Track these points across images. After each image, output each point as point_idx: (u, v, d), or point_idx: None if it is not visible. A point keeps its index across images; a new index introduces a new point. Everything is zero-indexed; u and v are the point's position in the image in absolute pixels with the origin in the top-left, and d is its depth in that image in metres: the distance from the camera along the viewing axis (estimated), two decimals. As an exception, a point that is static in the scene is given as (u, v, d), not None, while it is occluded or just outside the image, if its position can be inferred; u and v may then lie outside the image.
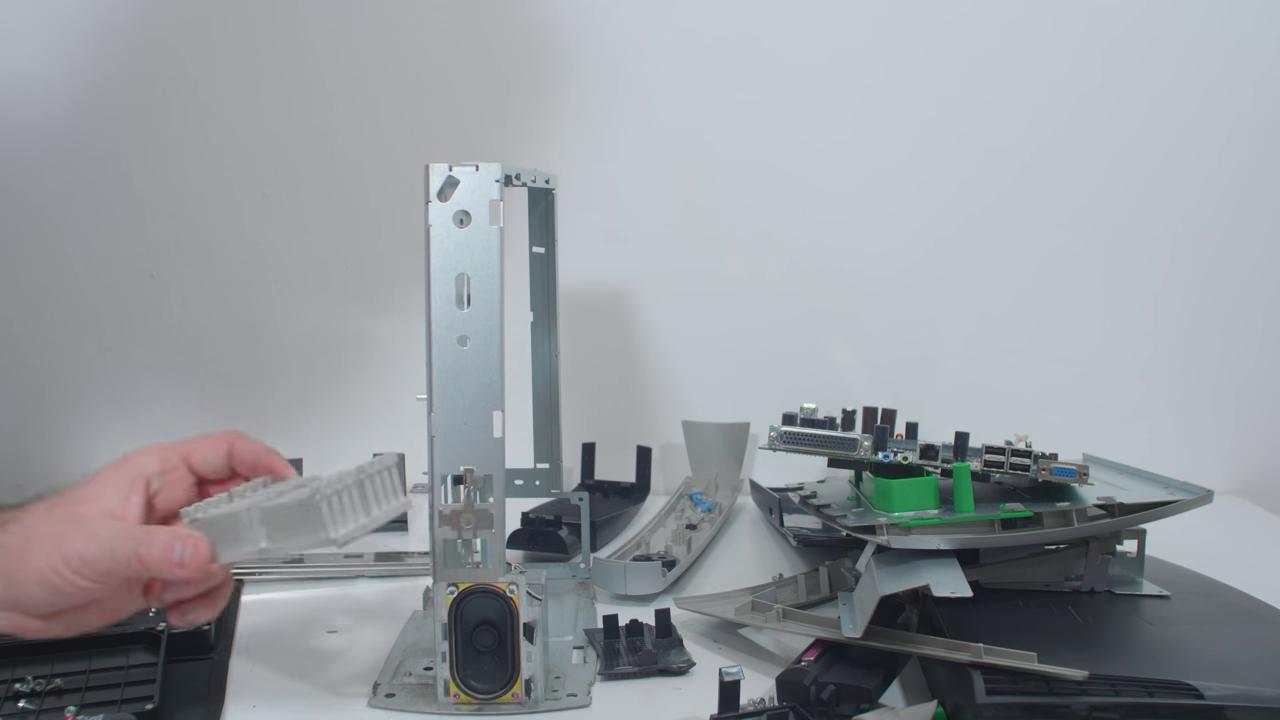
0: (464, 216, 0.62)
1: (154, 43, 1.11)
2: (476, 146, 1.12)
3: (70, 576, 0.50)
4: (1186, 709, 0.55)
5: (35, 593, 0.50)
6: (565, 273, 0.88)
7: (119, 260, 1.15)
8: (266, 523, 0.52)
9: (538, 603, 0.64)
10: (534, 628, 0.63)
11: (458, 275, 0.62)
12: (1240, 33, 1.06)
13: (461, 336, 0.62)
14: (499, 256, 0.62)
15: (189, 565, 0.52)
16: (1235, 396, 1.14)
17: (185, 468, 0.58)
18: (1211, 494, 0.71)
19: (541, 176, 0.78)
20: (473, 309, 0.62)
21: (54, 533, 0.50)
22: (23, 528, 0.51)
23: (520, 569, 0.65)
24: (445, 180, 0.62)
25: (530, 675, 0.64)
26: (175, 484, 0.57)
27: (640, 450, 1.12)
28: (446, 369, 0.62)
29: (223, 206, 1.14)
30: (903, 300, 1.13)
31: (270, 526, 0.52)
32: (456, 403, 0.62)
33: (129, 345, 1.17)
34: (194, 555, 0.52)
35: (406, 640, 0.74)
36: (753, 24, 1.09)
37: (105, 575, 0.51)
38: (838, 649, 0.67)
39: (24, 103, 1.12)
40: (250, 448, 0.59)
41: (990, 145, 1.10)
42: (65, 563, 0.50)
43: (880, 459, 0.74)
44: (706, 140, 1.11)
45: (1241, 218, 1.10)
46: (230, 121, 1.12)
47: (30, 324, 1.17)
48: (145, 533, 0.52)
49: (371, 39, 1.11)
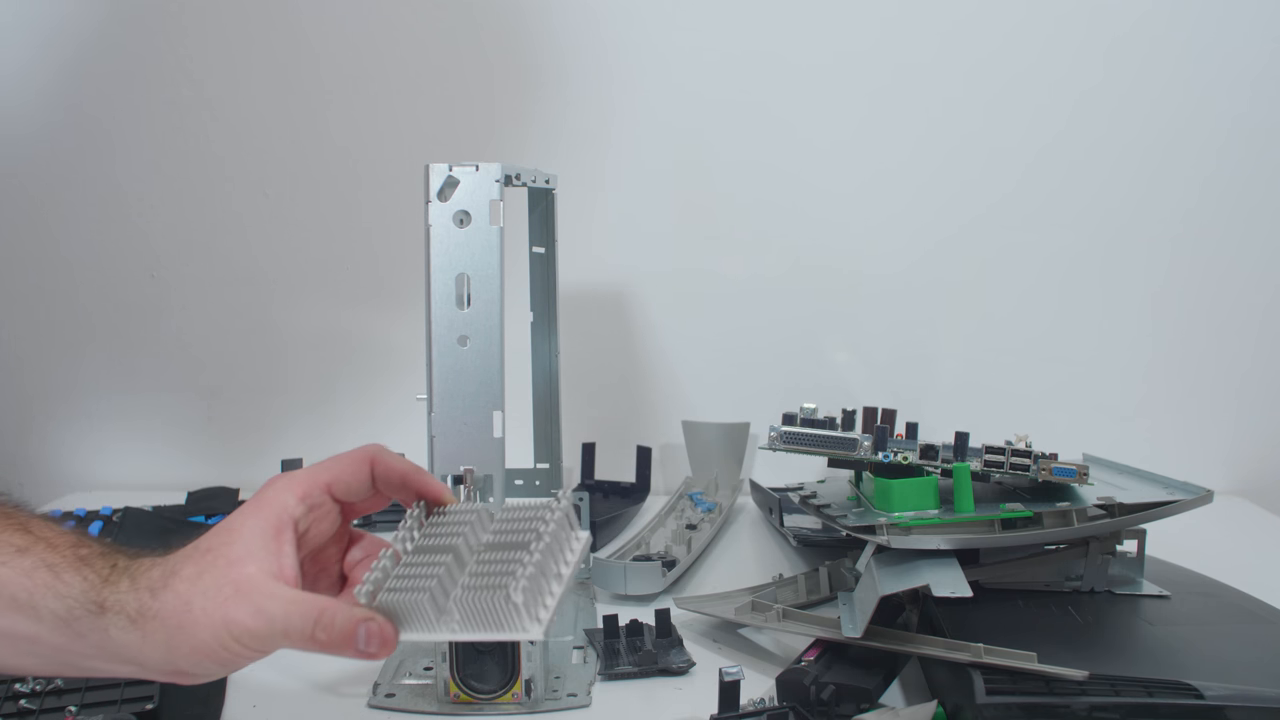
0: (464, 216, 0.62)
1: (154, 43, 1.11)
2: (476, 147, 1.12)
3: (240, 651, 0.46)
4: (1186, 709, 0.55)
5: (201, 663, 0.46)
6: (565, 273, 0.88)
7: (119, 260, 1.15)
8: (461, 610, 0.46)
9: None
10: None
11: (458, 275, 0.62)
12: (1238, 33, 1.06)
13: (461, 336, 0.62)
14: (499, 256, 0.62)
15: (377, 655, 0.47)
16: (1235, 396, 1.14)
17: (329, 499, 0.52)
18: (1211, 494, 0.71)
19: (541, 176, 0.78)
20: (473, 309, 0.62)
21: (216, 605, 0.45)
22: (178, 597, 0.46)
23: None
24: (445, 180, 0.62)
25: (530, 675, 0.64)
26: (322, 518, 0.52)
27: (640, 450, 1.12)
28: (446, 369, 0.62)
29: (223, 206, 1.14)
30: (903, 300, 1.13)
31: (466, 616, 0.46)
32: (456, 403, 0.62)
33: (129, 345, 1.17)
34: (380, 643, 0.46)
35: (407, 640, 0.74)
36: (754, 25, 1.09)
37: (276, 646, 0.47)
38: (838, 649, 0.67)
39: (23, 103, 1.12)
40: (394, 467, 0.53)
41: (990, 146, 1.10)
42: (235, 639, 0.45)
43: (880, 459, 0.74)
44: (707, 140, 1.11)
45: (1241, 218, 1.10)
46: (230, 122, 1.12)
47: (30, 324, 1.17)
48: (320, 611, 0.46)
49: (371, 39, 1.11)
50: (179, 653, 0.45)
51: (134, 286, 1.16)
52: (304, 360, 1.17)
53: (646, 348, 1.16)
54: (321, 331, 1.16)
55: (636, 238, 1.14)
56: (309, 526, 0.50)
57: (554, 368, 0.93)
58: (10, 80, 1.11)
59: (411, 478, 0.52)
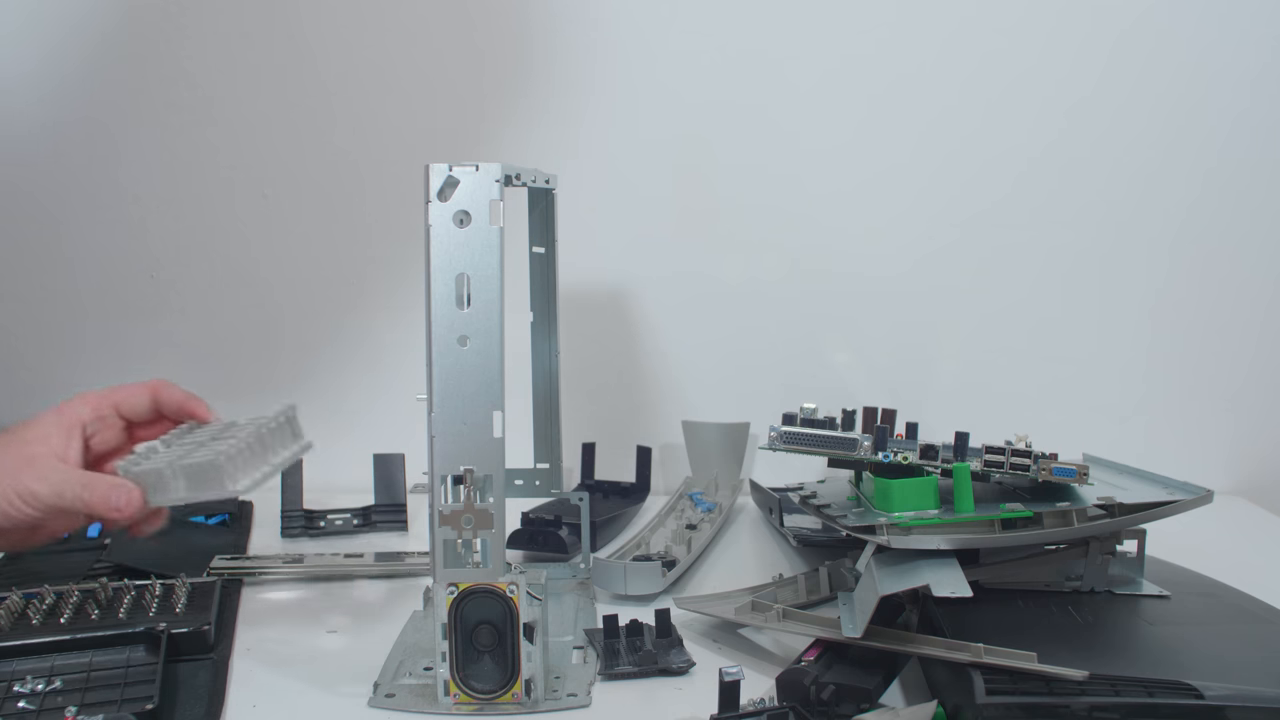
0: (464, 216, 0.62)
1: (153, 43, 1.11)
2: (477, 147, 1.12)
3: (21, 507, 0.62)
4: (1186, 709, 0.55)
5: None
6: (565, 273, 0.88)
7: (119, 260, 1.15)
8: (184, 476, 0.63)
9: (538, 603, 0.64)
10: (534, 628, 0.63)
11: (458, 275, 0.62)
12: (1237, 33, 1.06)
13: (462, 336, 0.62)
14: (499, 256, 0.62)
15: (124, 511, 0.63)
16: (1235, 396, 1.14)
17: (116, 414, 0.68)
18: (1211, 494, 0.71)
19: (542, 176, 0.78)
20: (473, 309, 0.62)
21: (8, 469, 0.62)
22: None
23: (520, 569, 0.65)
24: (445, 180, 0.61)
25: (530, 675, 0.64)
26: (107, 428, 0.68)
27: (640, 450, 1.12)
28: (447, 369, 0.62)
29: (223, 206, 1.14)
30: (903, 301, 1.13)
31: (188, 480, 0.63)
32: (456, 403, 0.62)
33: (129, 345, 1.17)
34: (129, 502, 0.63)
35: (406, 640, 0.74)
36: (755, 28, 1.09)
37: (51, 510, 0.62)
38: (838, 649, 0.67)
39: (23, 104, 1.12)
40: (174, 395, 0.69)
41: (990, 147, 1.10)
42: (18, 495, 0.61)
43: (880, 459, 0.74)
44: (707, 142, 1.11)
45: (1242, 217, 1.10)
46: (230, 122, 1.12)
47: (31, 324, 1.17)
48: (88, 479, 0.63)
49: (372, 39, 1.11)
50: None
51: (134, 286, 1.16)
52: (304, 359, 1.17)
53: (646, 348, 1.16)
54: (321, 331, 1.16)
55: (637, 238, 1.14)
56: (96, 432, 0.67)
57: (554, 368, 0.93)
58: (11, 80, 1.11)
59: (187, 404, 0.69)
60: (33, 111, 1.12)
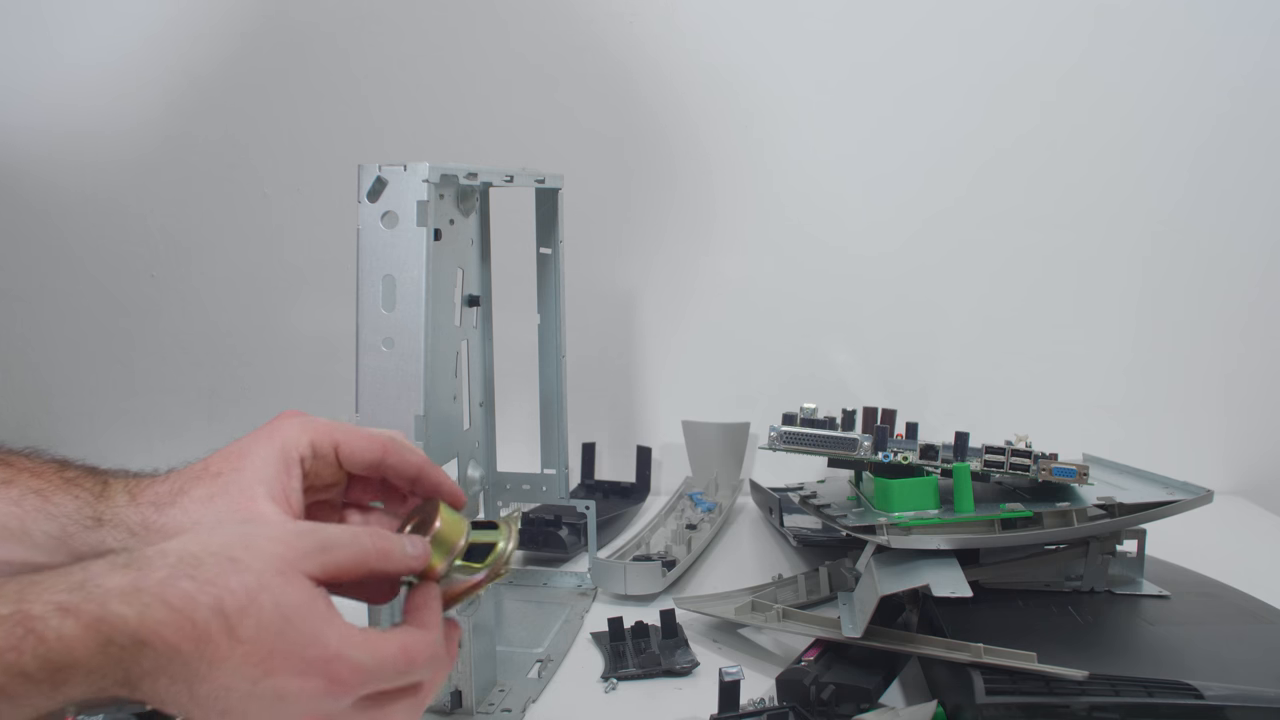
0: (392, 217, 0.60)
1: (153, 43, 1.11)
2: (479, 147, 1.12)
3: None
4: (1186, 709, 0.55)
5: None
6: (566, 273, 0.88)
7: (119, 260, 1.15)
8: None
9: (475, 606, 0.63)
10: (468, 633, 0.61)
11: (384, 276, 0.60)
12: (1229, 30, 1.06)
13: (387, 339, 0.60)
14: (425, 258, 0.60)
15: None
16: (1235, 396, 1.14)
17: (334, 457, 0.48)
18: (1211, 494, 0.71)
19: (547, 177, 0.77)
20: (398, 311, 0.60)
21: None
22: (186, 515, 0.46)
23: None
24: (375, 181, 0.60)
25: (459, 686, 0.62)
26: (323, 471, 0.48)
27: (640, 450, 1.12)
28: (371, 371, 0.60)
29: (223, 206, 1.14)
30: (903, 301, 1.13)
31: None
32: (380, 406, 0.60)
33: (130, 344, 1.17)
34: None
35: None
36: (756, 28, 1.09)
37: None
38: (838, 649, 0.67)
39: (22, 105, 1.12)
40: (410, 461, 0.49)
41: (990, 148, 1.10)
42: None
43: (880, 459, 0.74)
44: (708, 142, 1.11)
45: (1243, 217, 1.10)
46: (230, 122, 1.12)
47: (32, 324, 1.17)
48: None
49: (373, 39, 1.11)
50: None
51: (134, 286, 1.16)
52: (304, 360, 1.17)
53: (647, 348, 1.16)
54: (321, 331, 1.16)
55: (638, 238, 1.14)
56: (310, 472, 0.48)
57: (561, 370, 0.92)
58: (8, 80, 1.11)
59: (427, 474, 0.49)
60: (31, 112, 1.12)
